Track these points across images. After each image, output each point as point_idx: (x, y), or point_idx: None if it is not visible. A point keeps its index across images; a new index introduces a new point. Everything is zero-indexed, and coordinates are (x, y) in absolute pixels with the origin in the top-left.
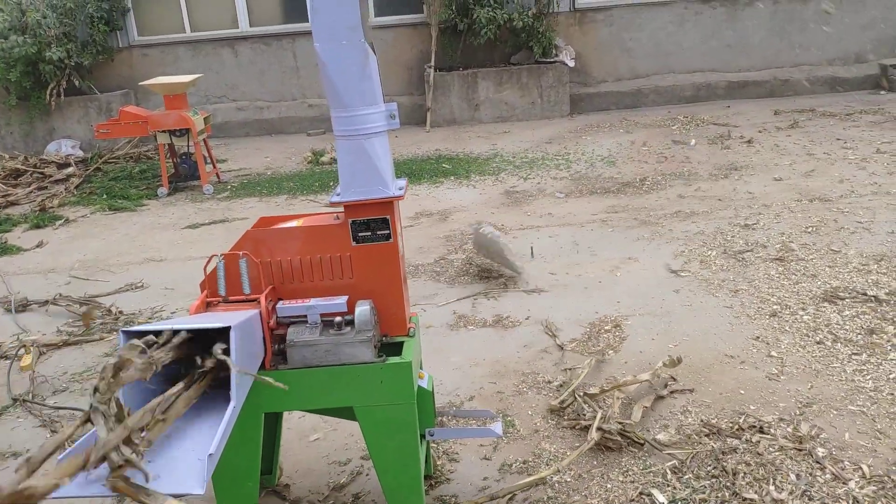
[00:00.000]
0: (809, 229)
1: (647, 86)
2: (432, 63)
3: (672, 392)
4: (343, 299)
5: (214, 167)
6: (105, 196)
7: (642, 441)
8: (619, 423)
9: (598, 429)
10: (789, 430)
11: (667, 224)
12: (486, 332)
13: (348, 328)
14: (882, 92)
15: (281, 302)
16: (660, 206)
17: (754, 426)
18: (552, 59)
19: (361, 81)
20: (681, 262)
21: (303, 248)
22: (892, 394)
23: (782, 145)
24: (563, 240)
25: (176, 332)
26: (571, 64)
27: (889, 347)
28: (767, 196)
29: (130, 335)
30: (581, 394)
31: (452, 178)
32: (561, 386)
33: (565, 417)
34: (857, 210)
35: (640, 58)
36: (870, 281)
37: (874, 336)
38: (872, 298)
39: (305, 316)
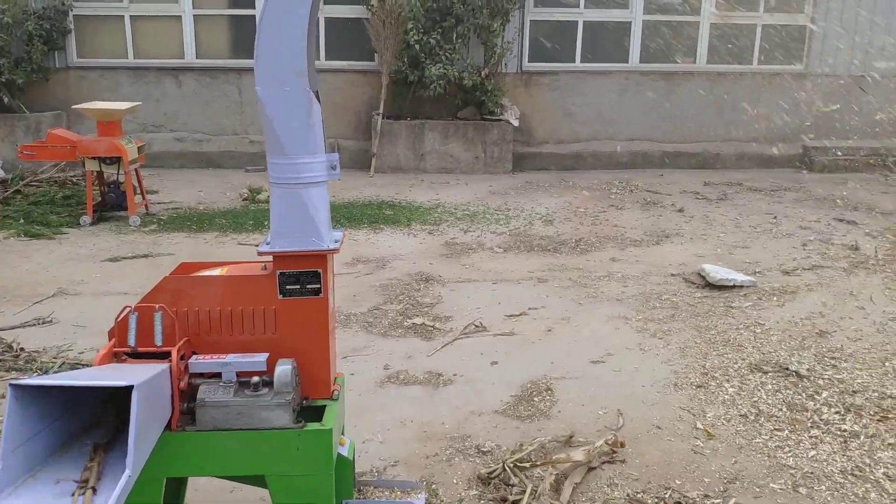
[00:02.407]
0: (734, 301)
1: (586, 150)
2: (381, 110)
3: (603, 463)
4: (263, 357)
5: (144, 198)
6: (22, 221)
7: None
8: (552, 502)
9: None
10: None
11: (601, 287)
12: (416, 391)
13: (266, 389)
14: (804, 171)
15: (195, 356)
16: (594, 267)
17: (679, 502)
18: (498, 118)
19: (303, 129)
20: (612, 327)
21: (224, 299)
22: (812, 472)
23: (711, 216)
24: (500, 295)
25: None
26: (516, 123)
27: (809, 424)
28: (697, 264)
29: (20, 390)
30: (511, 465)
31: (393, 225)
32: (489, 453)
33: (493, 489)
34: (781, 285)
35: (582, 123)
36: (792, 356)
37: (795, 412)
38: (794, 374)
39: (220, 373)
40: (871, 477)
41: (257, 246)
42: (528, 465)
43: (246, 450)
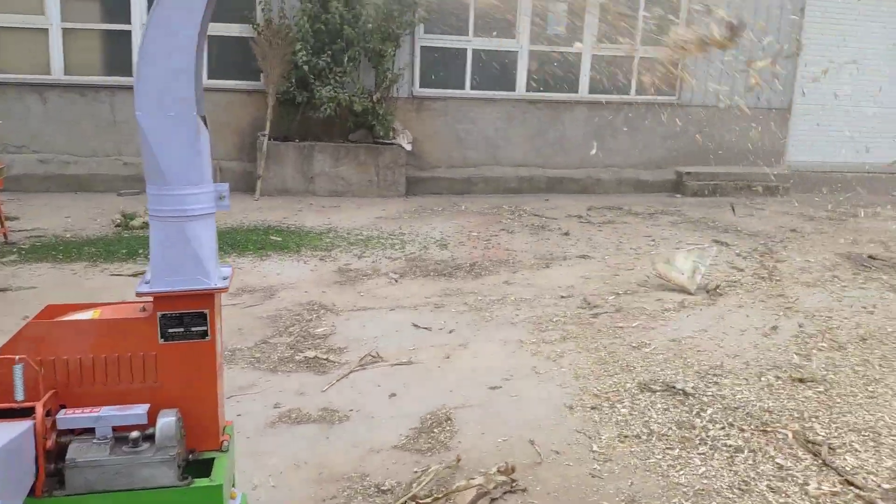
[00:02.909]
0: (621, 322)
1: (476, 175)
2: (266, 132)
3: (505, 493)
4: (143, 408)
5: (2, 226)
6: None
7: None
8: None
9: None
10: None
11: (496, 310)
12: (310, 430)
13: (147, 444)
14: (678, 196)
15: (64, 411)
16: (489, 291)
17: None
18: (390, 141)
19: (189, 157)
20: (509, 351)
21: (97, 346)
22: (702, 489)
23: (595, 239)
24: (397, 323)
25: None
26: (408, 147)
27: (698, 441)
28: (585, 285)
29: None
30: (413, 503)
31: (281, 251)
32: (389, 491)
33: None
34: (664, 304)
35: (472, 148)
36: (677, 374)
37: (684, 430)
38: (681, 392)
39: (94, 428)
40: (756, 489)
41: (132, 276)
42: (429, 500)
43: None
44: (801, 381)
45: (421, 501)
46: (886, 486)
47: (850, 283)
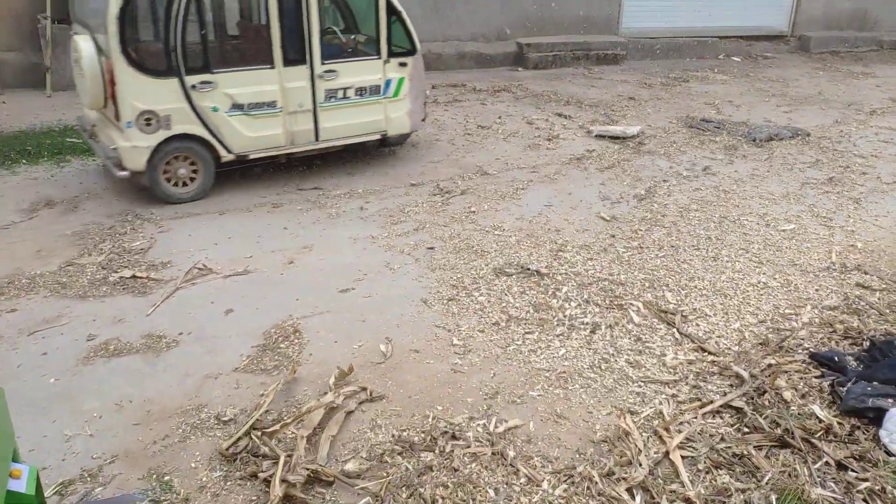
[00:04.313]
0: (473, 206)
1: None
2: (48, 13)
3: (362, 403)
4: None
5: None
6: None
7: (332, 478)
8: (306, 467)
9: (283, 481)
10: (480, 429)
11: (342, 205)
12: (133, 362)
13: None
14: (519, 69)
15: None
16: (333, 185)
17: (447, 432)
18: None
19: None
20: (359, 249)
21: None
22: (564, 372)
23: (442, 120)
24: (228, 228)
25: None
26: None
27: (556, 323)
28: (436, 171)
29: None
30: (258, 433)
31: (84, 155)
32: (232, 421)
33: (240, 465)
34: (516, 183)
35: None
36: (531, 255)
37: (541, 312)
38: (535, 273)
39: None
40: (616, 366)
41: None
42: (277, 426)
43: None
44: (645, 249)
45: (266, 430)
46: (736, 348)
47: (687, 146)
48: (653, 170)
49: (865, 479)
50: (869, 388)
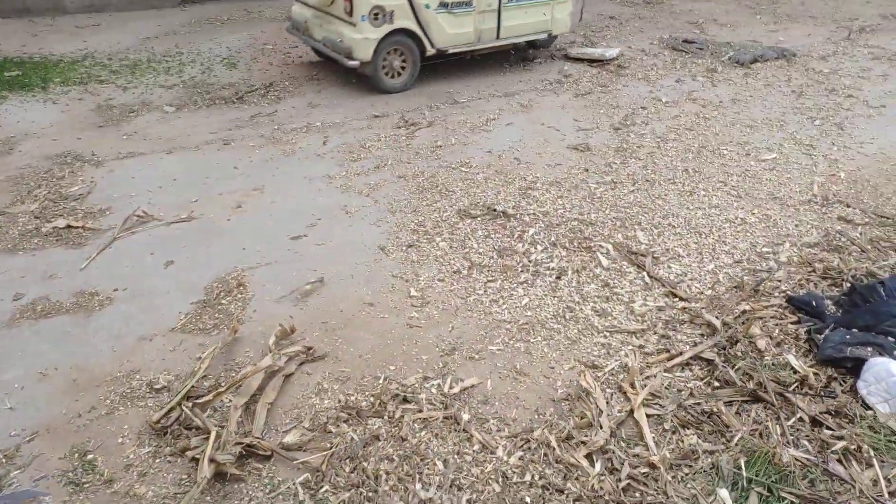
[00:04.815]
0: (440, 140)
1: None
2: None
3: (303, 364)
4: None
5: None
6: None
7: (269, 451)
8: (239, 441)
9: (212, 460)
10: (434, 390)
11: (299, 141)
12: (61, 323)
13: None
14: None
15: None
16: (290, 118)
17: (398, 395)
18: None
19: None
20: (314, 190)
21: None
22: (527, 324)
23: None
24: (174, 168)
25: None
26: None
27: (520, 269)
28: (406, 100)
29: None
30: (189, 405)
31: (22, 91)
32: (166, 388)
33: (170, 439)
34: (486, 113)
35: None
36: (498, 194)
37: (506, 257)
38: (501, 214)
39: None
40: (581, 315)
41: None
42: (211, 395)
43: None
44: (619, 184)
45: (200, 400)
46: (710, 292)
47: (668, 69)
48: (631, 96)
49: (841, 438)
50: (848, 337)
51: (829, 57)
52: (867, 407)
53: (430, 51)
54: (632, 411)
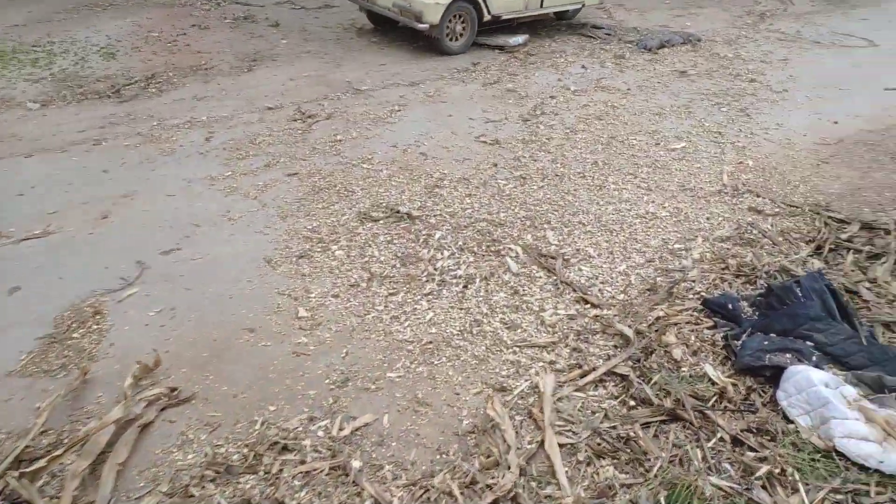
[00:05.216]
0: (339, 134)
1: None
2: None
3: (164, 409)
4: None
5: None
6: None
7: None
8: None
9: None
10: (321, 433)
11: (180, 138)
12: None
13: None
14: None
15: None
16: (171, 112)
17: (277, 443)
18: None
19: None
20: (193, 194)
21: None
22: (431, 343)
23: (311, 29)
24: (32, 175)
25: None
26: None
27: (425, 278)
28: (301, 91)
29: None
30: (16, 473)
31: None
32: None
33: None
34: (390, 104)
35: None
36: (403, 194)
37: (409, 266)
38: (406, 216)
39: None
40: (489, 329)
41: None
42: (45, 461)
43: None
44: (528, 179)
45: (27, 469)
46: (622, 296)
47: (577, 57)
48: (540, 84)
49: (764, 459)
50: (766, 343)
51: (733, 41)
52: (788, 420)
53: (487, 17)
54: (542, 442)
